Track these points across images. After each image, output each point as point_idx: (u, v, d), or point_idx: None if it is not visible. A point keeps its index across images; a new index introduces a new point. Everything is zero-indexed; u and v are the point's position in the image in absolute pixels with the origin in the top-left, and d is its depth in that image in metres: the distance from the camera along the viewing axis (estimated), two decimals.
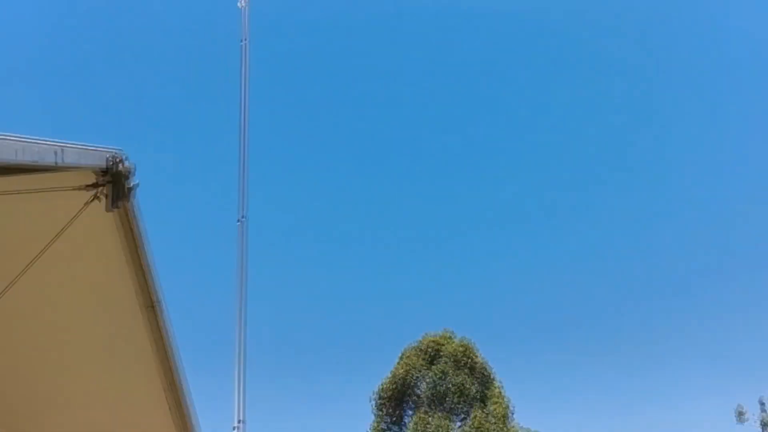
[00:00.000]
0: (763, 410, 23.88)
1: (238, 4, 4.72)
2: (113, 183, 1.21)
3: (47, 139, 0.96)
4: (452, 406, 21.32)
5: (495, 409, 21.13)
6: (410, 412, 21.88)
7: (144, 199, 1.23)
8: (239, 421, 2.51)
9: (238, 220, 3.27)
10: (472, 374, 21.59)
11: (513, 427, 21.32)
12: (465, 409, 21.43)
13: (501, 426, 20.79)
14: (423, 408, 21.27)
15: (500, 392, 21.77)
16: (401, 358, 22.19)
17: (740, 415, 23.82)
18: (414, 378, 21.86)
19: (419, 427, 20.68)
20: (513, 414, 21.74)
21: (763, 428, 23.53)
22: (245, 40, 4.39)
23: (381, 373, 22.28)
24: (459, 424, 21.49)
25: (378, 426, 21.81)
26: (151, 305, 1.55)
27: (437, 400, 21.24)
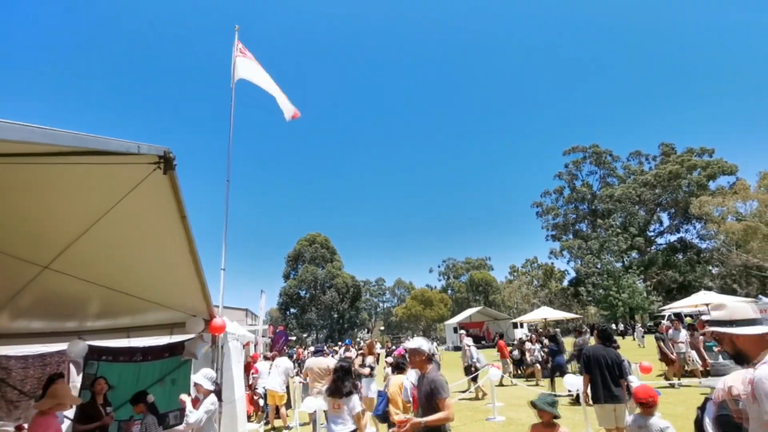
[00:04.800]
0: None
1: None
2: (166, 162, 2.53)
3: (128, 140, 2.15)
4: (318, 261, 51.65)
5: (336, 264, 52.13)
6: (301, 265, 51.56)
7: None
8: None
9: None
10: (327, 249, 52.43)
11: (344, 272, 52.53)
12: (323, 264, 51.97)
13: (339, 271, 51.79)
14: (306, 263, 51.17)
15: (339, 256, 53.11)
16: (298, 242, 52.12)
17: None
18: (303, 251, 51.75)
19: (306, 273, 50.40)
20: (343, 267, 53.18)
21: None
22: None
23: (288, 249, 52.28)
24: (321, 270, 51.82)
25: (287, 270, 51.25)
26: (183, 216, 3.17)
27: (313, 259, 51.40)
